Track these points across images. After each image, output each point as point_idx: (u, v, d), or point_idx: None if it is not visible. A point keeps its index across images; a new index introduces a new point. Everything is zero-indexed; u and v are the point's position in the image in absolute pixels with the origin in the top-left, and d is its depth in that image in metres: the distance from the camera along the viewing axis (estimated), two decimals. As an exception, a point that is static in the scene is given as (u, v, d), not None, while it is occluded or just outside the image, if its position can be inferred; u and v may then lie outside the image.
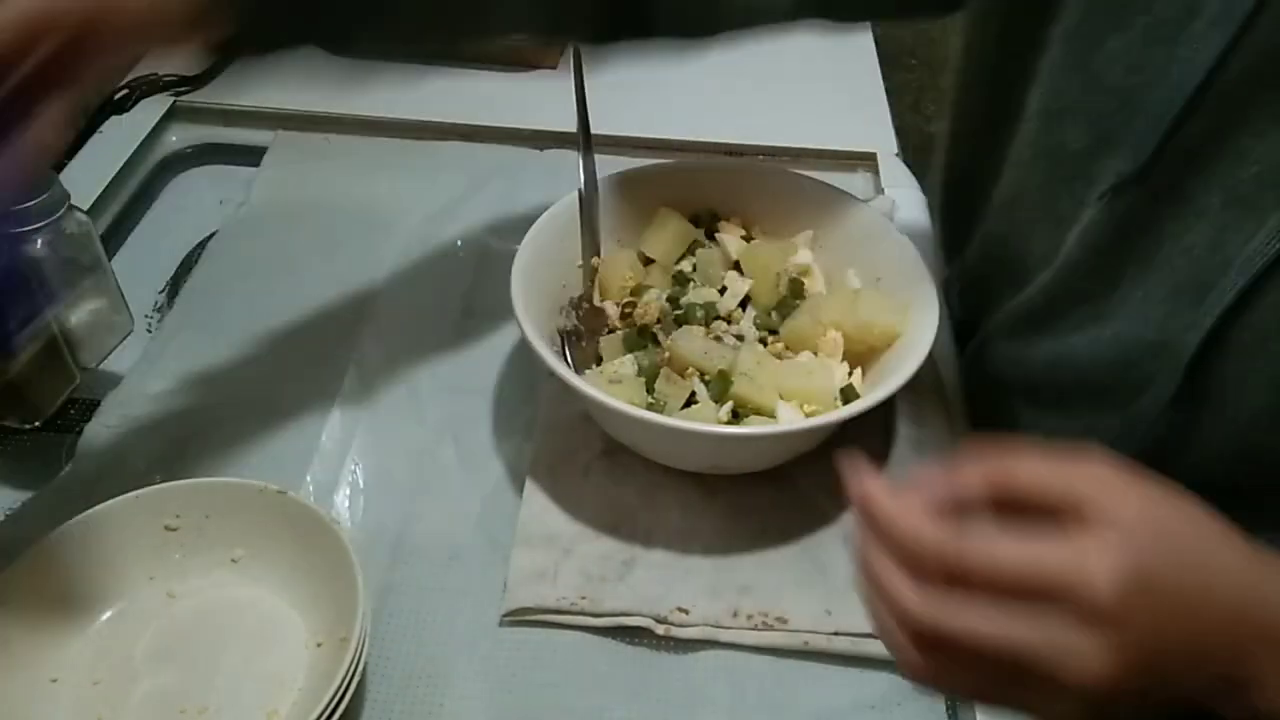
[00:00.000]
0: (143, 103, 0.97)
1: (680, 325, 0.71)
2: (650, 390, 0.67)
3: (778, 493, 0.68)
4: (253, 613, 0.60)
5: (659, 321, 0.71)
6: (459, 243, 0.88)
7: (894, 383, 0.63)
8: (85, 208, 0.74)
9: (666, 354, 0.68)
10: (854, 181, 0.91)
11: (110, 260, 0.74)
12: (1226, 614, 0.38)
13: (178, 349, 0.77)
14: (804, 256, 0.76)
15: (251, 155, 0.96)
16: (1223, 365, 0.52)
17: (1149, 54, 0.52)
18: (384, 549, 0.65)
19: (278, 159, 0.95)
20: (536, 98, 1.02)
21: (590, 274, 0.74)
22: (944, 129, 0.77)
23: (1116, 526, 0.36)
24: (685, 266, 0.76)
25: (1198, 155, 0.52)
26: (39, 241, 0.66)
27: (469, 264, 0.85)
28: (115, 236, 0.88)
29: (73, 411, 0.73)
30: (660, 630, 0.61)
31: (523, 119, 0.99)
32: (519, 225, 0.71)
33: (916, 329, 0.67)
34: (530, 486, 0.68)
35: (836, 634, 0.61)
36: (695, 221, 0.78)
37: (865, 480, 0.40)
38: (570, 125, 0.76)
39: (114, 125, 0.95)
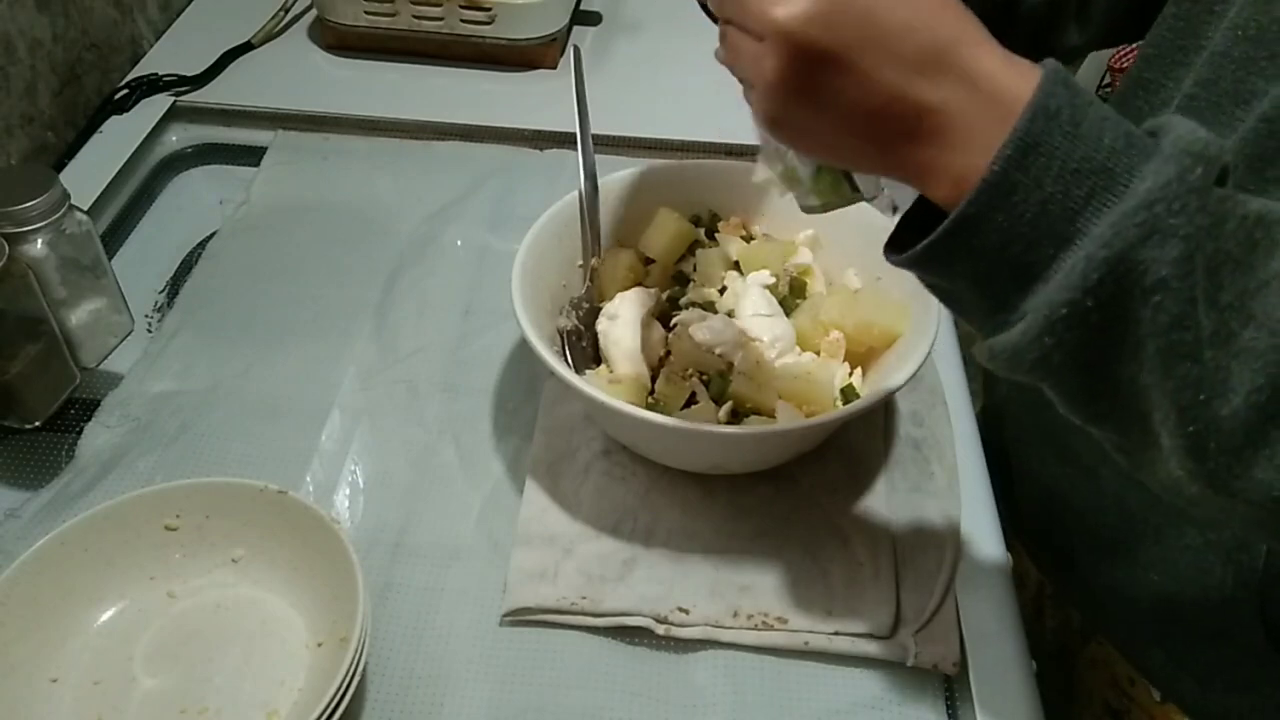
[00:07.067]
0: (143, 103, 0.97)
1: (680, 325, 0.71)
2: (650, 390, 0.67)
3: (778, 493, 0.68)
4: (253, 613, 0.60)
5: (659, 321, 0.71)
6: (459, 243, 0.88)
7: (894, 383, 0.63)
8: (85, 208, 0.74)
9: (667, 354, 0.68)
10: (854, 181, 0.91)
11: (110, 260, 0.74)
12: (924, 39, 0.41)
13: (178, 349, 0.77)
14: (804, 256, 0.76)
15: (251, 155, 0.96)
16: None
17: None
18: (384, 549, 0.65)
19: (278, 159, 0.95)
20: (536, 98, 1.02)
21: (590, 274, 0.74)
22: None
23: None
24: (685, 266, 0.76)
25: None
26: (39, 241, 0.67)
27: (469, 264, 0.85)
28: (115, 236, 0.88)
29: (73, 411, 0.73)
30: (660, 630, 0.61)
31: (523, 119, 0.98)
32: (519, 225, 0.71)
33: (916, 329, 0.67)
34: (530, 486, 0.68)
35: (836, 634, 0.61)
36: (695, 221, 0.78)
37: None
38: (570, 125, 0.76)
39: (114, 125, 0.95)
